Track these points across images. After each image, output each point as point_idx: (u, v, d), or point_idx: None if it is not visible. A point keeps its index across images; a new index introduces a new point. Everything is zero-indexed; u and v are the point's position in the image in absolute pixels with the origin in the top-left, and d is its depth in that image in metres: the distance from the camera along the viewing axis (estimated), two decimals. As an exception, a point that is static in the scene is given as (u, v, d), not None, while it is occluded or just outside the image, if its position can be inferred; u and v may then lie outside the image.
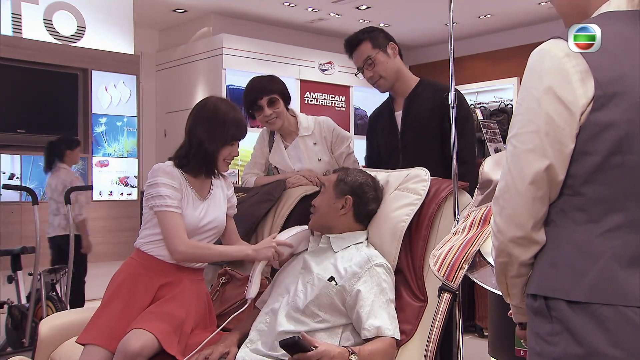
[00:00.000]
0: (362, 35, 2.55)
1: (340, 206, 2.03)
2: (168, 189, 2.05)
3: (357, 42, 2.54)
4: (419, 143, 2.48)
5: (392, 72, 2.54)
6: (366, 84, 2.86)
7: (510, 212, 1.12)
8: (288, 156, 2.66)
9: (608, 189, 1.05)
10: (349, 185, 2.05)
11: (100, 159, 5.36)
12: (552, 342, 1.07)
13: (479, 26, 6.98)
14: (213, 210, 2.17)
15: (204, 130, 2.10)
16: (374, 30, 2.58)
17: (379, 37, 2.54)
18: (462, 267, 1.74)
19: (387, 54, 2.53)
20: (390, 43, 2.54)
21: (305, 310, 1.87)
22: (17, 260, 4.02)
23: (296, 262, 2.09)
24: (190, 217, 2.08)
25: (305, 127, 2.66)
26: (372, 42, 2.52)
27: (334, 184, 2.06)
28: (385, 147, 2.60)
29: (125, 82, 5.51)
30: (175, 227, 2.03)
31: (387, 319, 1.83)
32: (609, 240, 1.04)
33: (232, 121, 2.12)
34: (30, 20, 5.03)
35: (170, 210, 2.03)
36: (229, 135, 2.12)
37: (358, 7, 6.30)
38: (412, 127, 2.51)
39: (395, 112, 2.60)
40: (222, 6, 6.35)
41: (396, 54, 2.55)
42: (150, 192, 2.07)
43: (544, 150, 1.08)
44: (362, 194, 2.06)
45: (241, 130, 2.16)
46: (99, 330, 1.99)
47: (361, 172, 2.14)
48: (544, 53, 1.11)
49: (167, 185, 2.06)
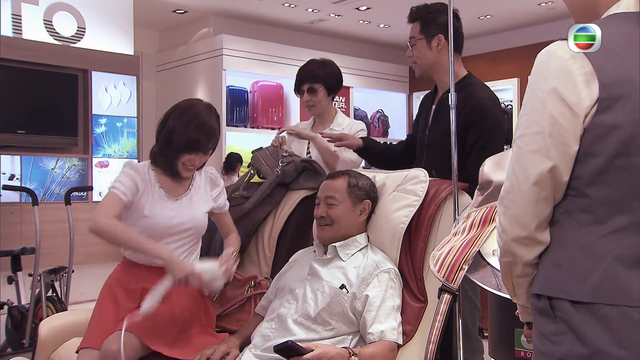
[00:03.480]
0: (417, 14, 2.43)
1: (359, 212, 2.03)
2: (125, 176, 2.05)
3: (412, 18, 2.45)
4: (443, 146, 2.27)
5: (426, 62, 2.43)
6: (366, 85, 2.87)
7: (514, 212, 1.13)
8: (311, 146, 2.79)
9: (613, 191, 1.05)
10: (363, 190, 2.05)
11: (100, 160, 5.36)
12: (556, 341, 1.07)
13: (479, 27, 6.98)
14: (187, 211, 2.11)
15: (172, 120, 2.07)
16: (433, 13, 2.41)
17: (431, 25, 2.40)
18: (462, 267, 1.74)
19: (429, 45, 2.40)
20: (438, 36, 2.38)
21: (317, 318, 1.87)
22: (17, 261, 4.02)
23: (299, 267, 2.07)
24: (158, 217, 2.05)
25: (338, 123, 2.80)
26: (422, 26, 2.42)
27: (348, 192, 2.02)
28: (419, 141, 2.55)
29: (125, 83, 5.51)
30: (109, 203, 2.00)
31: (391, 325, 1.84)
32: (613, 241, 1.04)
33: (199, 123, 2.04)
34: (30, 21, 5.02)
35: (113, 190, 2.02)
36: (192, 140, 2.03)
37: (358, 7, 6.30)
38: (438, 126, 2.40)
39: (433, 104, 2.50)
40: (222, 7, 6.35)
41: (440, 49, 2.39)
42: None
43: (548, 152, 1.08)
44: (375, 195, 2.09)
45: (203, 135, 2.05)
46: (92, 334, 1.98)
47: (360, 173, 2.14)
48: (550, 54, 1.11)
49: (126, 174, 2.06)
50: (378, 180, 2.16)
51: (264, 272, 2.41)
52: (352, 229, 2.03)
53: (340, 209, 2.01)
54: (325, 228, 2.02)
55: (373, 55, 7.68)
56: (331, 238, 2.01)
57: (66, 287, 4.05)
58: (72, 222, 4.11)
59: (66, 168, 5.14)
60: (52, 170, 5.07)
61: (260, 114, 6.28)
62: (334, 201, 2.02)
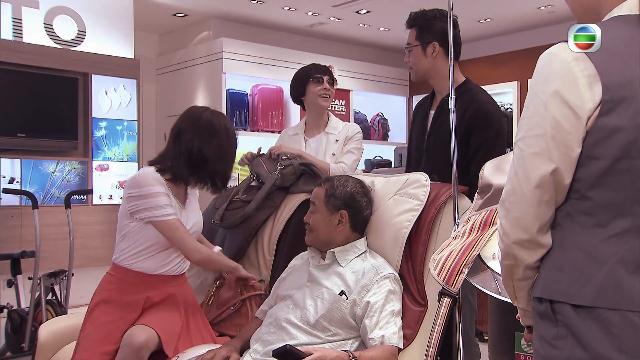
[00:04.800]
0: (414, 21, 2.45)
1: (337, 222, 2.00)
2: (162, 197, 2.00)
3: (410, 24, 2.47)
4: (443, 150, 2.27)
5: (422, 69, 2.45)
6: (366, 88, 2.89)
7: (516, 215, 1.12)
8: (307, 149, 2.82)
9: (615, 194, 1.05)
10: (340, 199, 2.01)
11: (100, 163, 5.35)
12: (557, 346, 1.07)
13: (478, 30, 6.99)
14: (192, 215, 2.16)
15: (209, 147, 2.07)
16: (429, 20, 2.42)
17: (426, 32, 2.41)
18: (462, 271, 1.73)
19: (424, 52, 2.42)
20: (433, 43, 2.39)
21: (316, 325, 1.87)
22: (17, 264, 4.01)
23: (299, 273, 2.06)
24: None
25: (333, 127, 2.86)
26: (418, 33, 2.44)
27: (324, 201, 2.01)
28: (414, 145, 2.56)
29: (126, 86, 5.51)
30: (185, 233, 2.03)
31: (392, 329, 1.83)
32: (615, 245, 1.04)
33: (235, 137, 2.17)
34: (31, 25, 5.02)
35: (173, 218, 2.00)
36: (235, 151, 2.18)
37: (358, 11, 6.30)
38: (439, 131, 2.39)
39: (430, 109, 2.51)
40: (222, 10, 6.35)
41: (436, 55, 2.40)
42: (140, 204, 1.98)
43: (550, 154, 1.08)
44: (355, 204, 2.03)
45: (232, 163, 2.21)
46: (88, 348, 1.96)
47: (347, 180, 2.08)
48: (553, 56, 1.11)
49: (162, 193, 2.00)
50: (377, 184, 2.16)
51: (263, 276, 2.40)
52: (334, 237, 2.00)
53: (317, 217, 2.02)
54: (307, 233, 2.05)
55: (373, 59, 7.68)
56: (312, 243, 2.04)
57: (66, 291, 4.05)
58: (72, 225, 4.10)
59: (66, 171, 5.14)
60: (52, 174, 5.07)
61: (260, 117, 6.28)
62: (314, 208, 2.04)
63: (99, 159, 5.37)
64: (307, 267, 2.03)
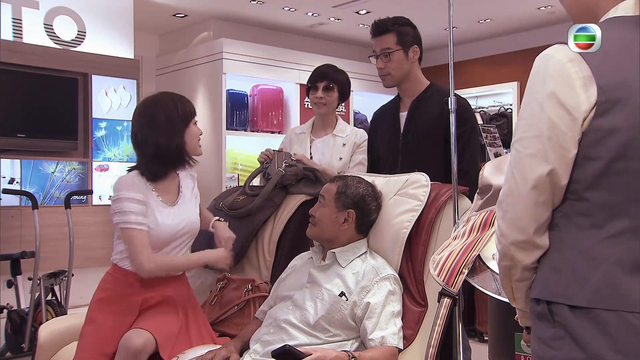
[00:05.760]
0: (392, 26, 2.49)
1: (343, 220, 1.99)
2: (132, 203, 1.98)
3: (385, 30, 2.50)
4: (421, 146, 2.44)
5: (402, 72, 2.51)
6: (366, 88, 2.89)
7: (512, 216, 1.12)
8: (313, 149, 2.81)
9: (612, 195, 1.05)
10: (350, 198, 2.01)
11: (100, 164, 5.35)
12: (554, 346, 1.07)
13: (478, 31, 6.99)
14: (185, 214, 2.12)
15: (153, 133, 2.03)
16: (407, 25, 2.52)
17: (407, 36, 2.49)
18: (462, 271, 1.73)
19: (406, 56, 2.49)
20: (414, 46, 2.50)
21: (316, 326, 1.87)
22: (16, 264, 4.01)
23: (299, 274, 2.06)
24: (163, 226, 2.03)
25: (341, 129, 2.85)
26: (398, 38, 2.48)
27: (335, 197, 2.01)
28: (385, 147, 2.58)
29: (126, 87, 5.51)
30: (139, 244, 1.96)
31: (392, 330, 1.84)
32: (612, 246, 1.04)
33: (179, 106, 2.06)
34: (31, 25, 5.03)
35: (133, 227, 1.96)
36: (186, 118, 2.07)
37: (358, 11, 6.30)
38: (415, 129, 2.47)
39: (400, 112, 2.57)
40: (222, 11, 6.35)
41: (415, 58, 2.52)
42: (114, 208, 2.00)
43: (546, 155, 1.08)
44: (365, 206, 2.03)
45: (189, 105, 2.10)
46: (89, 350, 1.97)
47: (360, 181, 2.09)
48: (548, 58, 1.11)
49: (130, 199, 1.98)
50: (378, 184, 2.16)
51: (263, 276, 2.41)
52: (337, 235, 2.00)
53: (324, 211, 2.02)
54: (310, 225, 2.05)
55: (373, 59, 7.68)
56: (313, 236, 2.06)
57: (66, 291, 4.05)
58: (72, 225, 4.10)
59: (66, 172, 5.14)
60: (52, 174, 5.07)
61: (260, 118, 6.28)
62: (322, 202, 2.04)
63: (99, 160, 5.37)
64: (307, 268, 2.03)
